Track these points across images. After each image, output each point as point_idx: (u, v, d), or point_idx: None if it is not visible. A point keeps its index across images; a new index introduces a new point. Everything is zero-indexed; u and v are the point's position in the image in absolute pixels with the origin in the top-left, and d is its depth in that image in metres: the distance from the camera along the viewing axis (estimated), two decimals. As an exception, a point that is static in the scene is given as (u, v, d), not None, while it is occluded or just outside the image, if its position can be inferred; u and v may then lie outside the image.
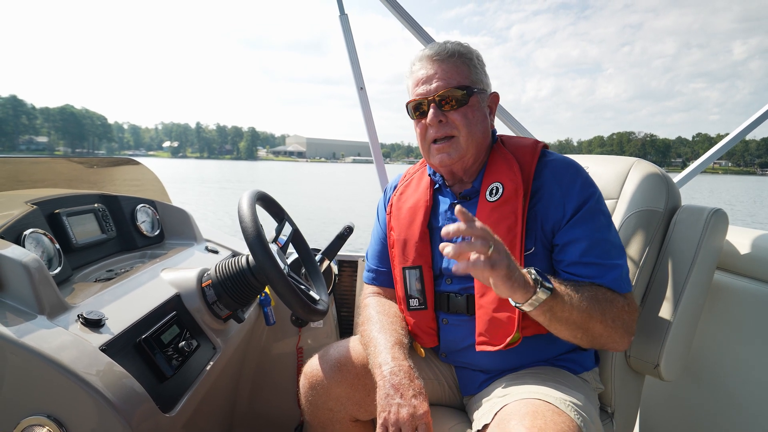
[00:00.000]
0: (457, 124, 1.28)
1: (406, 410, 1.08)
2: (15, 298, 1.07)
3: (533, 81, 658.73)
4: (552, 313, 1.09)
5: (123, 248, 1.75)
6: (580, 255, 1.21)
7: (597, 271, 1.20)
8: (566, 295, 1.10)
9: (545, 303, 1.07)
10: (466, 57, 1.31)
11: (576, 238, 1.22)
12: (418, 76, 1.31)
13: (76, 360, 0.99)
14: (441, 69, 1.28)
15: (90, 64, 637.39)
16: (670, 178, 1.50)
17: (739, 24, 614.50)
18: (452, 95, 1.27)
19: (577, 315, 1.11)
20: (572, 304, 1.10)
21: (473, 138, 1.30)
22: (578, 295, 1.12)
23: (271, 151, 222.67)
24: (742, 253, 1.47)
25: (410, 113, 1.35)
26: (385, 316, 1.36)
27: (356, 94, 2.39)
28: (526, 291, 1.05)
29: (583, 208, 1.23)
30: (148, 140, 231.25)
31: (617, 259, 1.21)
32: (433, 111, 1.28)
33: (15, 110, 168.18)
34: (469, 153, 1.31)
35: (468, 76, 1.29)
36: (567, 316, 1.10)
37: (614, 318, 1.15)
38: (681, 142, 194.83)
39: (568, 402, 1.10)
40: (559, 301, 1.08)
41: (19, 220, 1.28)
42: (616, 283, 1.20)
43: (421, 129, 1.33)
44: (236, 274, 1.44)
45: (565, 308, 1.09)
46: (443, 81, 1.27)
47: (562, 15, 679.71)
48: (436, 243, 1.37)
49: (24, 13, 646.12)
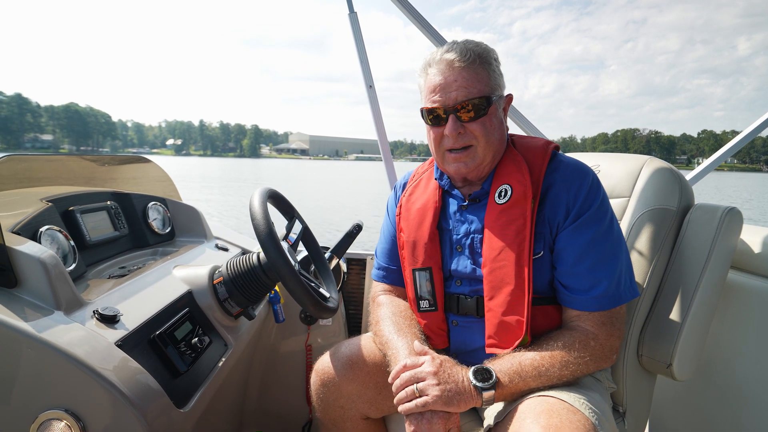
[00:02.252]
0: (476, 134, 1.25)
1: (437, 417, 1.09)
2: (32, 293, 1.08)
3: (536, 78, 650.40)
4: (514, 391, 1.13)
5: (135, 245, 1.76)
6: (570, 264, 1.22)
7: (584, 283, 1.21)
8: (517, 377, 1.12)
9: (499, 395, 1.11)
10: (486, 61, 1.25)
11: (569, 245, 1.22)
12: (435, 82, 1.25)
13: (92, 355, 1.00)
14: (461, 77, 1.22)
15: (94, 62, 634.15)
16: (683, 176, 1.48)
17: (744, 19, 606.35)
18: (473, 106, 1.22)
19: (537, 380, 1.13)
20: (526, 376, 1.13)
21: (491, 147, 1.28)
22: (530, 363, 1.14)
23: (275, 149, 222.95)
24: (756, 252, 1.46)
25: (425, 118, 1.31)
26: (401, 318, 1.36)
27: (364, 91, 2.39)
28: (471, 401, 1.09)
29: (583, 216, 1.22)
30: (152, 138, 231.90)
31: (608, 270, 1.21)
32: (453, 123, 1.24)
33: (20, 108, 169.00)
34: (486, 161, 1.30)
35: (488, 83, 1.25)
36: (530, 385, 1.13)
37: (578, 361, 1.16)
38: (686, 139, 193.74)
39: (583, 400, 1.10)
40: (510, 386, 1.12)
41: (35, 217, 1.29)
42: (597, 302, 1.20)
43: (436, 136, 1.29)
44: (247, 271, 1.45)
45: (522, 383, 1.12)
46: (464, 90, 1.22)
47: (565, 11, 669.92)
48: (445, 244, 1.37)
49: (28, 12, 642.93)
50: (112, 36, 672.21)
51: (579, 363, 1.15)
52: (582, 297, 1.21)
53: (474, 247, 1.31)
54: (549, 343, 1.18)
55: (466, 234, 1.33)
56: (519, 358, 1.15)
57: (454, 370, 1.12)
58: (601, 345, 1.19)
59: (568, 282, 1.23)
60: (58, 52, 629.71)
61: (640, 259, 1.41)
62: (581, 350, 1.16)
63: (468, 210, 1.35)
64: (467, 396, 1.09)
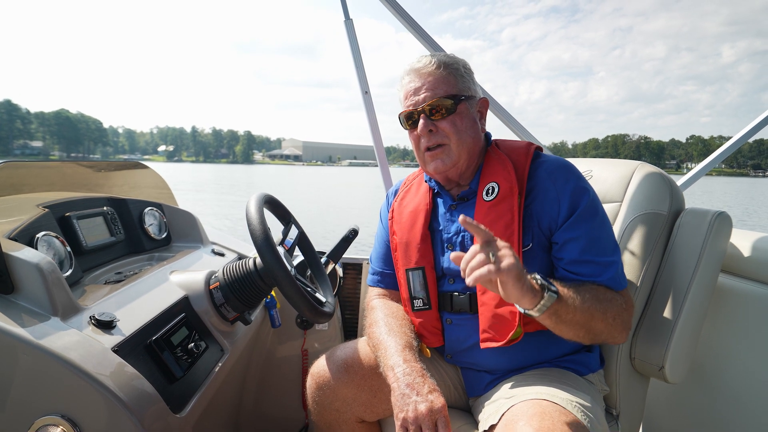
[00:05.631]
0: (447, 132, 1.33)
1: (424, 406, 1.10)
2: (29, 299, 1.08)
3: (526, 84, 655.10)
4: (558, 317, 1.12)
5: (131, 251, 1.76)
6: (579, 253, 1.24)
7: (595, 269, 1.24)
8: (570, 298, 1.13)
9: (552, 307, 1.09)
10: (452, 67, 1.35)
11: (574, 236, 1.25)
12: (408, 89, 1.36)
13: (89, 361, 1.00)
14: (428, 81, 1.33)
15: (85, 68, 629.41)
16: (674, 181, 1.51)
17: (728, 27, 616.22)
18: (440, 104, 1.31)
19: (581, 316, 1.14)
20: (575, 306, 1.13)
21: (464, 144, 1.34)
22: (580, 296, 1.15)
23: (268, 155, 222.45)
24: (746, 255, 1.48)
25: (402, 123, 1.40)
26: (393, 319, 1.38)
27: (357, 97, 2.41)
28: (533, 296, 1.07)
29: (579, 208, 1.26)
30: (144, 144, 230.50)
31: (612, 256, 1.25)
32: (423, 121, 1.33)
33: (9, 115, 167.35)
34: (461, 158, 1.35)
35: (455, 85, 1.34)
36: (571, 318, 1.13)
37: (615, 316, 1.19)
38: (674, 144, 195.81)
39: (575, 403, 1.11)
40: (563, 304, 1.11)
41: (32, 223, 1.29)
42: (613, 281, 1.24)
43: (414, 139, 1.39)
44: (243, 276, 1.45)
45: (569, 311, 1.12)
46: (431, 92, 1.32)
47: (553, 18, 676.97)
48: (437, 244, 1.40)
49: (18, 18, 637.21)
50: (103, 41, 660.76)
51: (614, 317, 1.19)
52: (603, 277, 1.24)
53: (465, 244, 1.35)
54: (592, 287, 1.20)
55: (456, 232, 1.37)
56: (572, 287, 1.16)
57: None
58: (629, 315, 1.24)
59: (579, 270, 1.25)
60: (49, 57, 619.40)
61: (632, 263, 1.43)
62: (617, 306, 1.20)
63: (458, 209, 1.39)
64: (531, 286, 1.07)
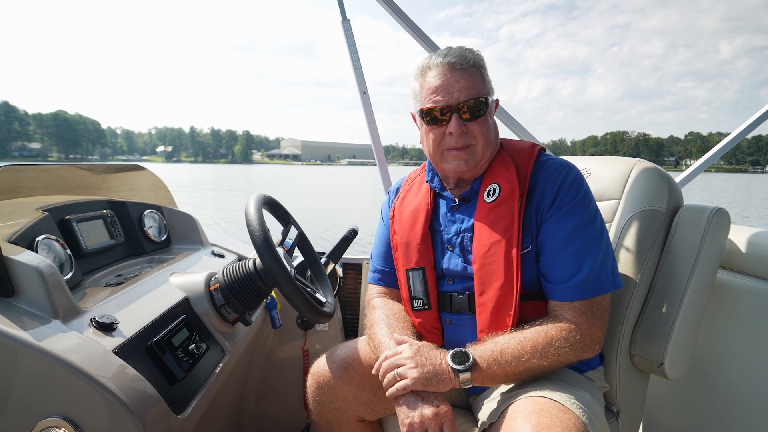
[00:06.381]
0: (476, 134, 1.30)
1: (429, 410, 1.11)
2: (29, 302, 1.08)
3: (524, 82, 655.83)
4: (492, 376, 1.17)
5: (131, 253, 1.76)
6: (552, 253, 1.25)
7: (564, 272, 1.23)
8: (494, 362, 1.16)
9: (476, 377, 1.15)
10: (481, 66, 1.33)
11: (552, 234, 1.26)
12: (436, 83, 1.29)
13: (90, 363, 1.00)
14: (463, 78, 1.28)
15: (83, 69, 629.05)
16: (672, 177, 1.51)
17: (725, 23, 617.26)
18: (476, 105, 1.28)
19: (516, 367, 1.16)
20: (504, 362, 1.16)
21: (489, 146, 1.34)
22: (510, 350, 1.17)
23: (266, 155, 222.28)
24: (744, 251, 1.49)
25: (422, 118, 1.34)
26: (394, 319, 1.38)
27: (355, 95, 2.41)
28: (449, 383, 1.14)
29: (565, 206, 1.26)
30: (142, 145, 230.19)
31: (588, 259, 1.23)
32: (457, 121, 1.28)
33: (7, 116, 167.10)
34: (483, 160, 1.35)
35: (484, 86, 1.32)
36: (508, 371, 1.17)
37: (558, 351, 1.17)
38: (673, 140, 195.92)
39: (574, 400, 1.11)
40: (487, 370, 1.16)
41: (32, 226, 1.29)
42: (575, 291, 1.22)
43: (436, 135, 1.32)
44: (244, 277, 1.46)
45: (499, 368, 1.16)
46: (465, 91, 1.27)
47: (551, 16, 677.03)
48: (437, 245, 1.40)
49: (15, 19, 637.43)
50: (101, 42, 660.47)
51: (559, 353, 1.17)
52: (561, 287, 1.23)
53: (464, 245, 1.35)
54: (531, 331, 1.20)
55: (456, 233, 1.37)
56: (501, 345, 1.18)
57: (432, 354, 1.19)
58: (582, 335, 1.20)
59: (548, 272, 1.26)
60: (46, 58, 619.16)
61: (631, 260, 1.44)
62: (561, 340, 1.18)
63: (458, 210, 1.39)
64: (444, 377, 1.15)
